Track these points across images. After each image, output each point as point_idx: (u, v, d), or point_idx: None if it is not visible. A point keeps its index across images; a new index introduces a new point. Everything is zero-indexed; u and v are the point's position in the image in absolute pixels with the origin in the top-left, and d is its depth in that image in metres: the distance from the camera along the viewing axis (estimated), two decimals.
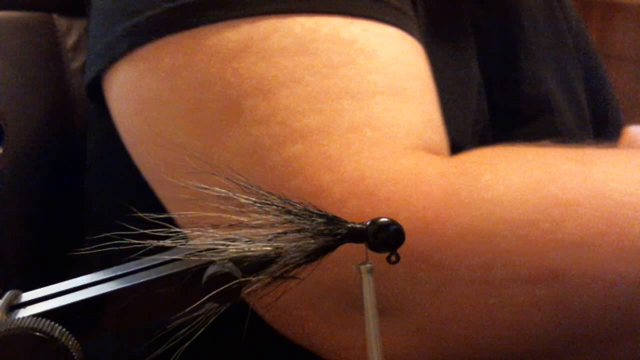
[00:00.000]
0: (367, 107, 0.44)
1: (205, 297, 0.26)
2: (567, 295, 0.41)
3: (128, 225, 0.27)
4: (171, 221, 0.27)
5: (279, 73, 0.43)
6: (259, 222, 0.27)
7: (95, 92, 0.52)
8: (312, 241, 0.27)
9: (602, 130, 0.72)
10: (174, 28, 0.45)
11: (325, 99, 0.43)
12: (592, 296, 0.41)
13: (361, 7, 0.46)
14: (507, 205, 0.41)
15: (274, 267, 0.27)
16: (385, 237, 0.27)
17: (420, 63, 0.48)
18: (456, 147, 0.49)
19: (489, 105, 0.59)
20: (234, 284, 0.26)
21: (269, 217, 0.27)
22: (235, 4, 0.45)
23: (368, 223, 0.27)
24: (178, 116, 0.46)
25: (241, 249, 0.26)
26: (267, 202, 0.27)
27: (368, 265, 0.28)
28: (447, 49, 0.56)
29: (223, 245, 0.26)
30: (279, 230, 0.27)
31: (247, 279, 0.26)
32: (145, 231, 0.27)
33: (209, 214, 0.27)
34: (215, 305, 0.26)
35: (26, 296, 0.26)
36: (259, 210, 0.27)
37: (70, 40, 0.66)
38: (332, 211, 0.28)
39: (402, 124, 0.44)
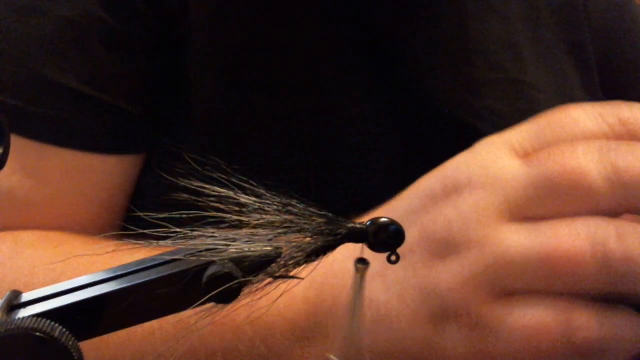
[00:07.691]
0: None
1: (205, 297, 0.26)
2: None
3: (128, 226, 0.27)
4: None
5: None
6: (259, 222, 0.27)
7: None
8: (312, 241, 0.27)
9: None
10: None
11: None
12: None
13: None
14: None
15: (274, 267, 0.27)
16: (385, 236, 0.27)
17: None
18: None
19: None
20: (234, 284, 0.26)
21: (269, 217, 0.27)
22: None
23: (368, 223, 0.27)
24: None
25: (241, 249, 0.26)
26: (267, 202, 0.27)
27: (362, 265, 0.28)
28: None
29: (223, 245, 0.26)
30: (279, 230, 0.27)
31: (247, 279, 0.26)
32: (145, 231, 0.27)
33: (209, 213, 0.27)
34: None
35: (26, 296, 0.26)
36: (259, 210, 0.27)
37: None
38: None
39: None
